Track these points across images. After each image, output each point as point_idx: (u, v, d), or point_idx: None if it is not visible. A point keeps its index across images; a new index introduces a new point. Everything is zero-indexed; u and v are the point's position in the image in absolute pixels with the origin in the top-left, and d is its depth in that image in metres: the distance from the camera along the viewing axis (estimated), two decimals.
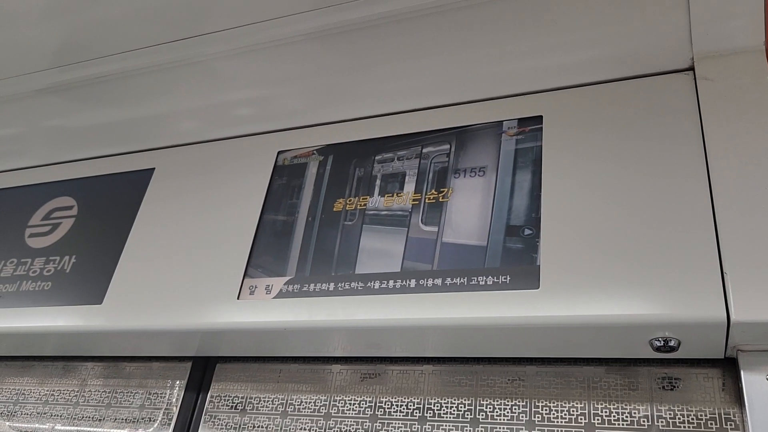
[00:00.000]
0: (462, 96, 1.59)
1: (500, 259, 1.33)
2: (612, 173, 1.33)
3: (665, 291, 1.16)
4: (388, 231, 1.48)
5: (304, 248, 1.55)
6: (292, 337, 1.49)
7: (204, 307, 1.54)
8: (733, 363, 1.23)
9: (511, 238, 1.34)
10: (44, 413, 1.84)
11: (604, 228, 1.27)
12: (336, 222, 1.56)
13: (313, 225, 1.58)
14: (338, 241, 1.52)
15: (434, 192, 1.49)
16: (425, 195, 1.49)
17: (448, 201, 1.46)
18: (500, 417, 1.37)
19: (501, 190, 1.42)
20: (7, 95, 2.02)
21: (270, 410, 1.59)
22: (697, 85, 1.37)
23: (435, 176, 1.51)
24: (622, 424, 1.27)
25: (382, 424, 1.46)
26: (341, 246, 1.51)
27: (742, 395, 1.18)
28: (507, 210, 1.39)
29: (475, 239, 1.38)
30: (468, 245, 1.37)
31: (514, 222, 1.36)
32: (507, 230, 1.36)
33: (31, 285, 1.84)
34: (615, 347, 1.27)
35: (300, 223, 1.60)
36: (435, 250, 1.40)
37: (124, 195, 1.90)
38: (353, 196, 1.58)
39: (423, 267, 1.38)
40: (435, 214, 1.45)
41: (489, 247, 1.35)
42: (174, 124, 1.95)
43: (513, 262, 1.31)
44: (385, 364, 1.54)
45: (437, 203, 1.47)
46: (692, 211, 1.23)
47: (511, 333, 1.27)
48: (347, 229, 1.53)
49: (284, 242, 1.58)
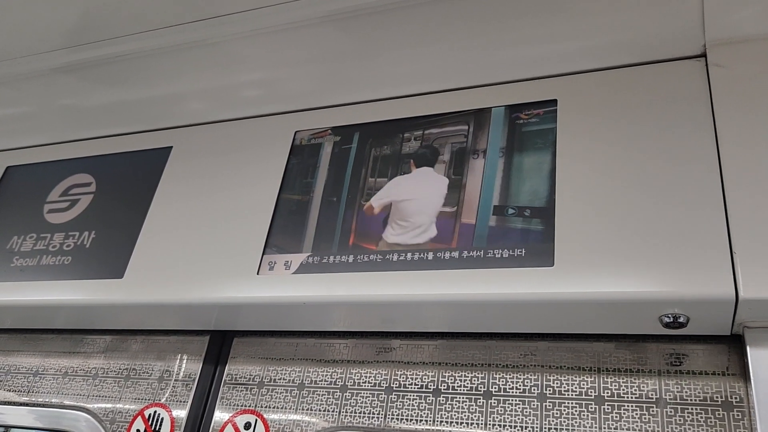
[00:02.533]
0: (478, 79, 1.62)
1: (515, 237, 1.37)
2: (624, 155, 1.37)
3: (675, 269, 1.21)
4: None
5: (324, 225, 1.59)
6: (310, 311, 1.53)
7: (224, 281, 1.58)
8: (739, 339, 1.28)
9: (525, 218, 1.39)
10: (63, 387, 1.89)
11: (616, 208, 1.31)
12: (356, 201, 1.60)
13: (333, 204, 1.62)
14: (357, 219, 1.56)
15: (452, 172, 1.53)
16: (446, 175, 1.53)
17: (466, 181, 1.50)
18: (513, 390, 1.42)
19: (516, 172, 1.46)
20: (27, 73, 2.04)
21: (287, 382, 1.64)
22: (709, 71, 1.40)
23: (453, 157, 1.55)
24: (630, 398, 1.32)
25: (397, 396, 1.51)
26: (360, 224, 1.55)
27: (747, 371, 1.23)
28: (521, 190, 1.43)
29: (493, 220, 1.42)
30: (485, 225, 1.42)
31: (528, 202, 1.40)
32: (520, 210, 1.40)
33: (51, 259, 1.88)
34: (625, 323, 1.32)
35: (318, 201, 1.63)
36: (454, 230, 1.44)
37: (142, 172, 1.93)
38: (372, 177, 1.62)
39: (442, 246, 1.43)
40: (454, 194, 1.49)
41: (505, 226, 1.40)
42: (191, 103, 1.98)
43: (528, 240, 1.35)
44: (400, 339, 1.59)
45: (456, 183, 1.51)
46: (702, 192, 1.27)
47: (526, 308, 1.32)
48: (366, 208, 1.57)
49: (304, 219, 1.62)
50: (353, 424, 1.51)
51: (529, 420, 1.37)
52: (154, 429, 1.69)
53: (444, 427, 1.43)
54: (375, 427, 1.49)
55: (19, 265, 1.91)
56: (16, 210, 2.08)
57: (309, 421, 1.56)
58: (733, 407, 1.25)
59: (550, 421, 1.35)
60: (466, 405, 1.44)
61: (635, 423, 1.29)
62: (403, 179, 1.58)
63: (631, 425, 1.29)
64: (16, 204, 2.10)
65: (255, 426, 1.60)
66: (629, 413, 1.31)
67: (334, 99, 1.81)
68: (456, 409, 1.44)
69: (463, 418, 1.43)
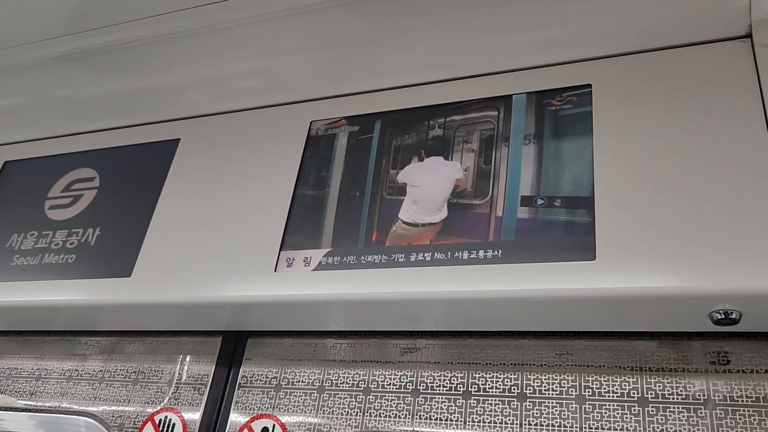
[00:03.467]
0: (507, 64, 1.54)
1: (556, 230, 1.29)
2: (667, 142, 1.30)
3: (726, 262, 1.13)
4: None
5: (344, 220, 1.50)
6: (331, 309, 1.45)
7: (239, 279, 1.50)
8: None
9: (563, 209, 1.31)
10: (68, 391, 1.80)
11: (660, 198, 1.24)
12: (379, 193, 1.51)
13: (354, 197, 1.53)
14: (380, 213, 1.48)
15: (482, 161, 1.45)
16: (474, 165, 1.45)
17: (498, 170, 1.42)
18: (549, 392, 1.34)
19: (550, 160, 1.38)
20: (25, 62, 1.95)
21: (306, 385, 1.55)
22: (755, 52, 1.33)
23: (482, 145, 1.47)
24: (677, 398, 1.25)
25: (424, 399, 1.43)
26: (382, 217, 1.47)
27: None
28: (557, 180, 1.35)
29: (525, 212, 1.34)
30: (519, 218, 1.34)
31: (563, 192, 1.32)
32: (550, 201, 1.32)
33: (54, 258, 1.79)
34: (671, 320, 1.25)
35: (337, 194, 1.55)
36: (489, 223, 1.36)
37: (149, 166, 1.84)
38: (394, 168, 1.54)
39: (474, 241, 1.35)
40: (484, 184, 1.41)
41: (540, 218, 1.32)
42: (199, 93, 1.89)
43: (567, 232, 1.27)
44: (426, 338, 1.51)
45: (485, 172, 1.43)
46: (753, 180, 1.19)
47: (565, 305, 1.24)
48: (391, 202, 1.49)
49: (322, 213, 1.53)
50: (378, 429, 1.43)
51: (567, 423, 1.29)
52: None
53: (474, 431, 1.35)
54: (401, 430, 1.41)
55: (19, 264, 1.82)
56: (16, 207, 1.99)
57: (331, 425, 1.48)
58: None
59: (591, 424, 1.28)
60: (498, 408, 1.36)
61: (682, 425, 1.22)
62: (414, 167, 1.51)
63: (678, 428, 1.22)
64: (15, 200, 2.01)
65: (273, 431, 1.52)
66: (675, 415, 1.23)
67: (349, 87, 1.73)
68: (488, 412, 1.36)
69: (496, 421, 1.35)
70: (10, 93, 2.12)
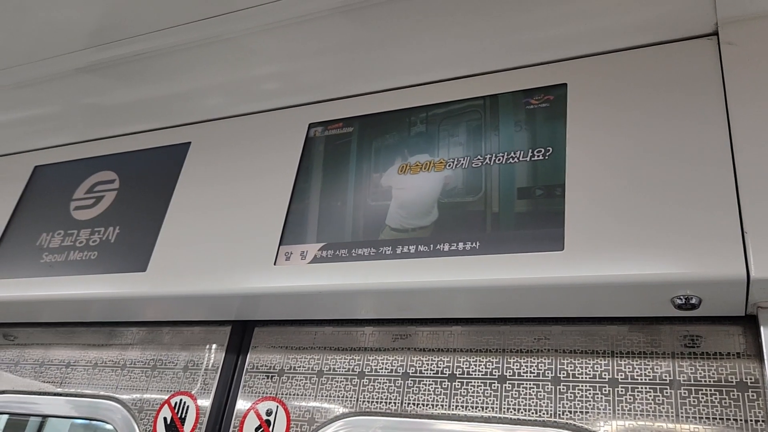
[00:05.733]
0: (488, 66, 1.63)
1: (525, 222, 1.38)
2: (635, 138, 1.37)
3: (686, 250, 1.20)
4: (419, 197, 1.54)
5: (337, 215, 1.61)
6: (326, 300, 1.56)
7: (242, 272, 1.62)
8: (754, 320, 1.27)
9: (532, 201, 1.39)
10: (94, 377, 1.96)
11: (627, 191, 1.31)
12: (368, 191, 1.62)
13: (345, 194, 1.64)
14: (370, 208, 1.58)
15: (463, 160, 1.54)
16: (456, 162, 1.54)
17: (479, 168, 1.51)
18: (527, 374, 1.43)
19: (526, 157, 1.46)
20: (49, 75, 2.11)
21: (306, 370, 1.67)
22: (721, 50, 1.38)
23: (465, 144, 1.55)
24: (644, 380, 1.32)
25: (413, 382, 1.53)
26: (372, 213, 1.57)
27: (762, 351, 1.22)
28: (531, 175, 1.43)
29: (501, 204, 1.43)
30: (493, 212, 1.42)
31: (538, 187, 1.41)
32: (528, 194, 1.40)
33: (78, 255, 1.94)
34: (638, 306, 1.32)
35: (331, 192, 1.66)
36: (467, 216, 1.45)
37: (163, 168, 1.98)
38: (382, 167, 1.63)
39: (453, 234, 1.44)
40: (470, 180, 1.50)
41: (514, 211, 1.40)
42: (208, 99, 2.02)
43: (538, 224, 1.36)
44: (416, 326, 1.61)
45: (468, 170, 1.52)
46: (713, 173, 1.26)
47: (537, 293, 1.33)
48: (379, 197, 1.59)
49: (318, 210, 1.64)
50: (371, 410, 1.54)
51: (543, 403, 1.38)
52: (180, 416, 1.75)
53: (459, 411, 1.45)
54: (392, 411, 1.52)
55: (48, 261, 1.98)
56: (45, 208, 2.15)
57: (328, 407, 1.59)
58: (747, 388, 1.24)
59: (564, 404, 1.36)
60: (481, 389, 1.45)
61: (649, 405, 1.30)
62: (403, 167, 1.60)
63: (645, 407, 1.30)
64: (44, 202, 2.17)
65: (276, 412, 1.64)
66: (643, 395, 1.31)
67: (345, 91, 1.83)
68: (471, 394, 1.46)
69: (478, 402, 1.44)
70: (40, 102, 2.28)
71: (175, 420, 1.75)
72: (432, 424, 1.47)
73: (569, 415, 1.35)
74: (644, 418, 1.29)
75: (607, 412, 1.32)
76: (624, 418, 1.30)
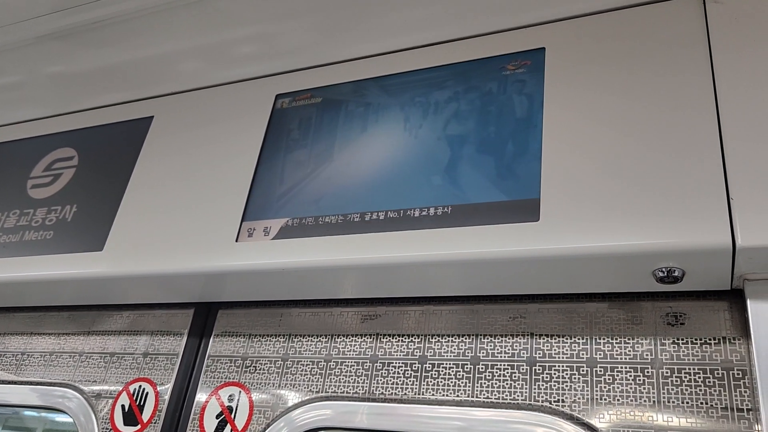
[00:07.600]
0: (462, 31, 1.54)
1: (500, 192, 1.29)
2: (616, 103, 1.29)
3: (669, 219, 1.12)
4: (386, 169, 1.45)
5: (303, 189, 1.52)
6: (290, 278, 1.47)
7: (203, 251, 1.53)
8: (740, 294, 1.20)
9: (507, 170, 1.31)
10: (51, 363, 1.86)
11: (607, 157, 1.23)
12: (336, 162, 1.53)
13: (312, 166, 1.55)
14: (336, 180, 1.49)
15: (435, 129, 1.45)
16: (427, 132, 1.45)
17: (452, 136, 1.42)
18: (501, 354, 1.35)
19: (501, 125, 1.38)
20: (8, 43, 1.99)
21: (272, 353, 1.58)
22: (707, 9, 1.31)
23: (437, 113, 1.47)
24: (624, 359, 1.25)
25: (382, 365, 1.45)
26: (339, 186, 1.48)
27: (748, 327, 1.14)
28: (505, 142, 1.35)
29: (471, 173, 1.34)
30: (469, 181, 1.34)
31: (513, 154, 1.32)
32: (502, 161, 1.32)
33: (33, 235, 1.84)
34: (617, 280, 1.24)
35: (296, 165, 1.57)
36: (433, 187, 1.36)
37: (124, 144, 1.88)
38: (351, 137, 1.55)
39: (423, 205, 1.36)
40: (436, 150, 1.42)
41: (489, 181, 1.32)
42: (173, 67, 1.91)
43: (512, 194, 1.27)
44: (386, 305, 1.52)
45: (439, 141, 1.43)
46: (699, 138, 1.18)
47: (511, 267, 1.25)
48: (347, 169, 1.50)
49: (282, 184, 1.55)
50: (337, 394, 1.45)
51: (518, 385, 1.30)
52: (139, 404, 1.65)
53: (430, 395, 1.37)
54: (359, 396, 1.43)
55: (2, 241, 1.88)
56: (1, 187, 2.04)
57: (292, 393, 1.50)
58: (733, 366, 1.16)
59: (540, 386, 1.28)
60: (452, 371, 1.37)
61: (629, 385, 1.22)
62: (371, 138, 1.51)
63: (624, 387, 1.22)
64: (0, 181, 2.06)
65: (239, 398, 1.55)
66: (623, 375, 1.23)
67: (314, 60, 1.74)
68: (442, 376, 1.37)
69: (450, 385, 1.36)
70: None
71: (134, 407, 1.65)
72: (401, 409, 1.38)
73: (545, 396, 1.27)
74: (624, 398, 1.21)
75: (585, 393, 1.24)
76: (603, 399, 1.22)
